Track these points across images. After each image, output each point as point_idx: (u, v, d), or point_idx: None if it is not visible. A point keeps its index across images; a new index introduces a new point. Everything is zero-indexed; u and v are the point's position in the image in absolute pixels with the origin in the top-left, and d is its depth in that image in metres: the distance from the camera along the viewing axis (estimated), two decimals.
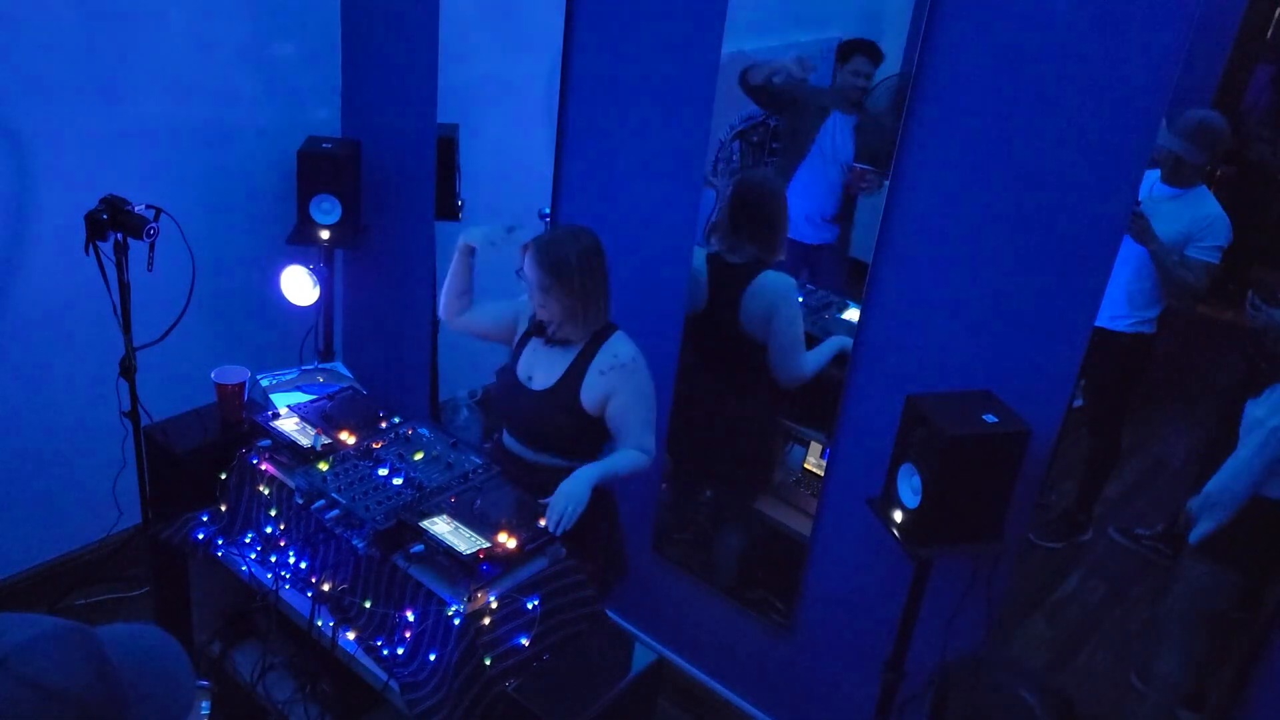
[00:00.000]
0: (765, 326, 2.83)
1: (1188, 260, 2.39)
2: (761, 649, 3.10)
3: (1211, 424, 2.50)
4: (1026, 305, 2.31)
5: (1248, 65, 2.31)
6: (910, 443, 2.28)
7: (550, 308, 2.53)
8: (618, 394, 2.57)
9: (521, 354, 2.70)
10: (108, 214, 2.72)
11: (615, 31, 2.88)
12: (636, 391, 2.58)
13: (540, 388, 2.63)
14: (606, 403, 2.58)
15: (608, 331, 2.62)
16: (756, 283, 2.83)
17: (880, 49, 2.67)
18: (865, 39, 2.71)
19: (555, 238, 2.53)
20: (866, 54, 2.70)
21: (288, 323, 3.69)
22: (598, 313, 2.58)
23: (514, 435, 2.72)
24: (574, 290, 2.50)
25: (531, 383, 2.65)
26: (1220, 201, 2.34)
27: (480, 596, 2.23)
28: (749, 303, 2.84)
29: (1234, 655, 2.40)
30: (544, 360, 2.64)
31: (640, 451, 2.61)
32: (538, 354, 2.66)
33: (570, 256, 2.48)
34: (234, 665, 2.80)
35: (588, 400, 2.58)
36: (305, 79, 3.61)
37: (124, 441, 3.05)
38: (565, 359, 2.61)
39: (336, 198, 3.43)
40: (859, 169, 2.80)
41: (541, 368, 2.64)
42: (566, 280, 2.48)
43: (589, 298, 2.53)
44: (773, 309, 2.81)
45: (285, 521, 2.55)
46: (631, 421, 2.59)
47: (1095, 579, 2.73)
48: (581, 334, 2.59)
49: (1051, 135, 2.20)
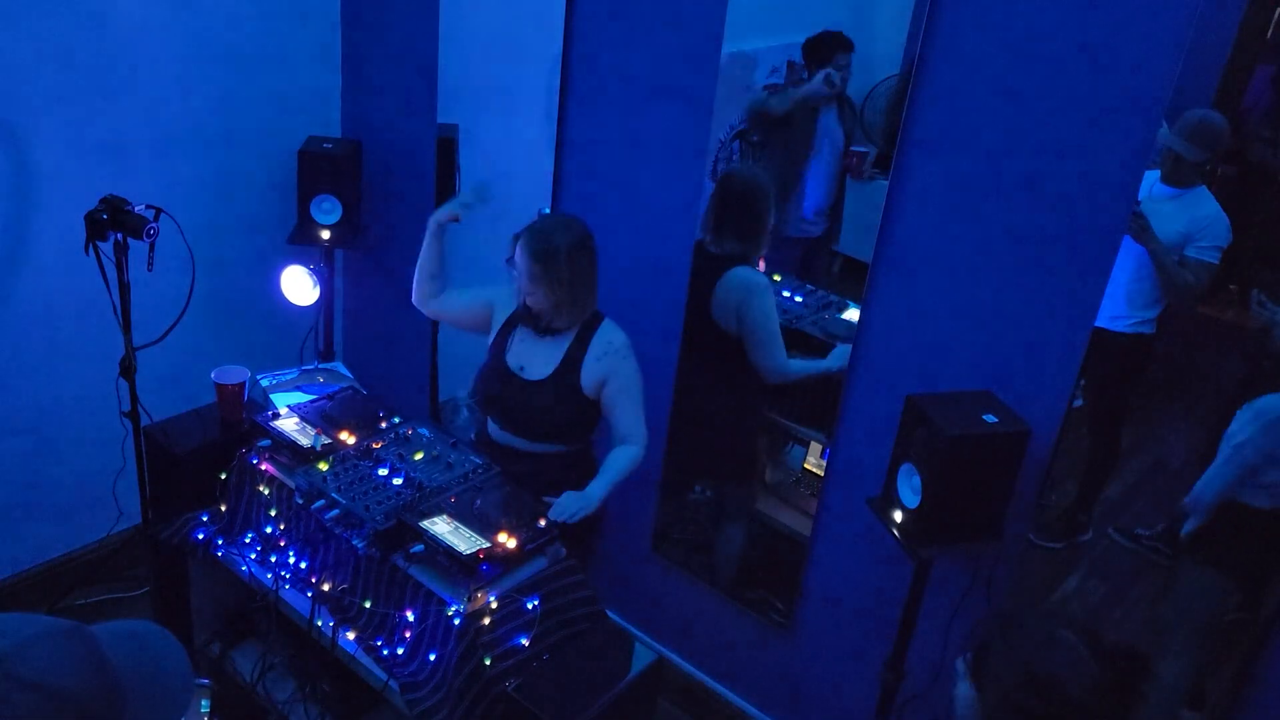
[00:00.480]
0: (736, 321, 2.86)
1: (1187, 260, 2.39)
2: (761, 649, 3.10)
3: (1211, 424, 2.50)
4: (1026, 305, 2.31)
5: (1248, 65, 2.31)
6: (910, 443, 2.28)
7: (540, 296, 2.55)
8: (613, 378, 2.61)
9: (509, 345, 2.71)
10: (108, 214, 2.72)
11: (615, 31, 2.88)
12: (629, 376, 2.64)
13: (536, 377, 2.64)
14: (603, 386, 2.62)
15: (597, 320, 2.66)
16: (727, 276, 2.85)
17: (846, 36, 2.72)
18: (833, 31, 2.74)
19: (546, 227, 2.55)
20: (844, 48, 2.75)
21: (288, 323, 3.69)
22: (586, 302, 2.62)
23: (506, 426, 2.72)
24: (563, 279, 2.52)
25: (525, 373, 2.66)
26: (1220, 201, 2.34)
27: (480, 596, 2.23)
28: (719, 295, 2.87)
29: (1234, 655, 2.40)
30: (535, 350, 2.66)
31: (633, 445, 2.64)
32: (528, 344, 2.68)
33: (560, 245, 2.50)
34: (234, 665, 2.80)
35: (588, 385, 2.62)
36: (305, 79, 3.61)
37: (124, 441, 3.05)
38: (559, 347, 2.63)
39: (337, 198, 3.43)
40: (859, 152, 2.81)
41: (533, 357, 2.66)
42: (556, 269, 2.50)
43: (578, 287, 2.56)
44: (742, 304, 2.84)
45: (285, 521, 2.55)
46: (625, 404, 2.63)
47: (1095, 579, 2.73)
48: (570, 322, 2.62)
49: (1051, 135, 2.20)
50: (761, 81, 2.90)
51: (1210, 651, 2.49)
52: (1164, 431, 2.70)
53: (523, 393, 2.66)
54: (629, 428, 2.65)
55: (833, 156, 2.90)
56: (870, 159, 2.82)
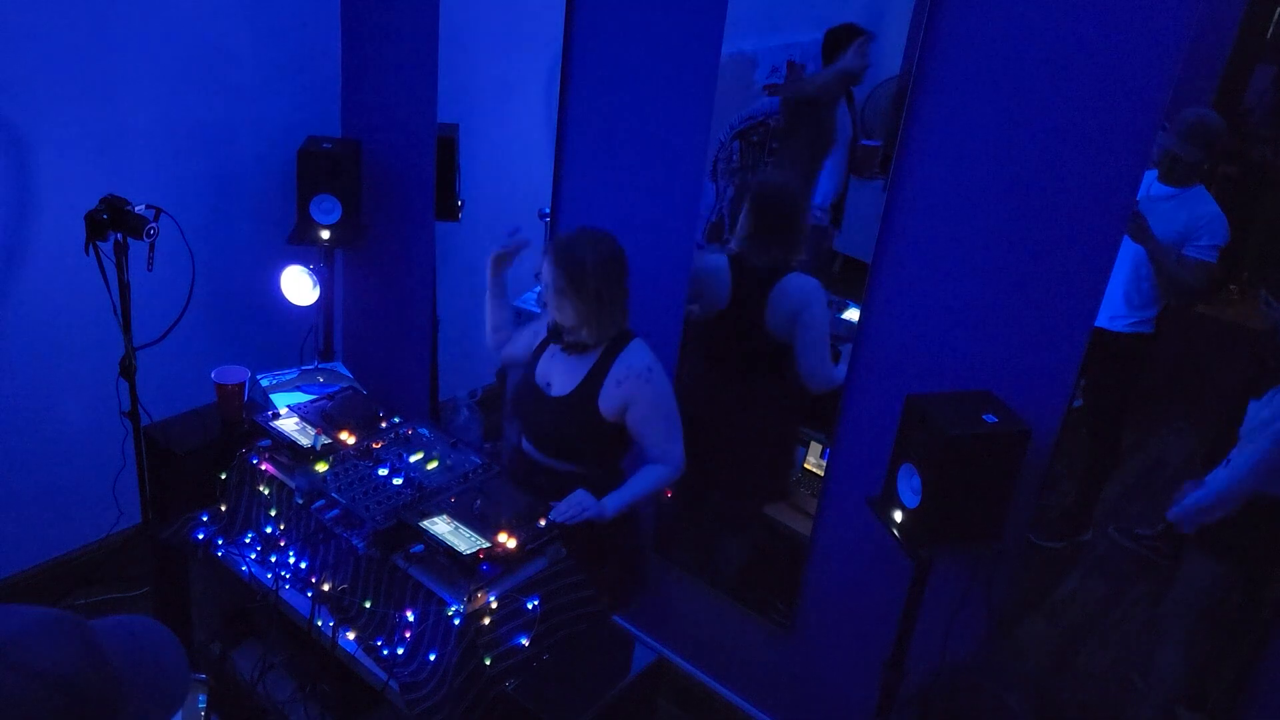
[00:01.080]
0: (790, 327, 2.81)
1: (1185, 259, 2.39)
2: (761, 649, 3.10)
3: (1212, 424, 2.50)
4: (1026, 305, 2.31)
5: (1248, 65, 2.31)
6: (910, 443, 2.28)
7: (565, 311, 2.51)
8: (635, 404, 2.54)
9: (539, 360, 2.69)
10: (108, 214, 2.72)
11: (615, 31, 2.88)
12: (653, 401, 2.55)
13: (558, 394, 2.61)
14: (625, 411, 2.56)
15: (625, 339, 2.59)
16: (782, 284, 2.80)
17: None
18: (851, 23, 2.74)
19: (575, 241, 2.49)
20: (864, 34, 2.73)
21: (288, 323, 3.69)
22: (613, 320, 2.55)
23: (531, 441, 2.70)
24: (589, 295, 2.47)
25: (550, 389, 2.63)
26: (1221, 202, 2.34)
27: (480, 596, 2.23)
28: (775, 303, 2.81)
29: (1235, 654, 2.40)
30: (561, 367, 2.62)
31: (664, 465, 2.59)
32: (555, 360, 2.64)
33: (587, 261, 2.45)
34: (234, 665, 2.80)
35: (606, 409, 2.55)
36: (305, 79, 3.61)
37: (124, 441, 3.05)
38: (583, 366, 2.58)
39: (336, 198, 3.43)
40: (867, 146, 2.79)
41: (559, 374, 2.62)
42: (581, 284, 2.45)
43: (604, 304, 2.50)
44: (802, 310, 2.79)
45: (285, 521, 2.55)
46: (650, 432, 2.57)
47: (1095, 579, 2.73)
48: (596, 339, 2.55)
49: (1051, 135, 2.20)
50: (762, 81, 2.90)
51: (1207, 643, 2.49)
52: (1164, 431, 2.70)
53: (545, 408, 2.63)
54: (660, 452, 2.58)
55: (842, 150, 2.89)
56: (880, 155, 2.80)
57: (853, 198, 2.92)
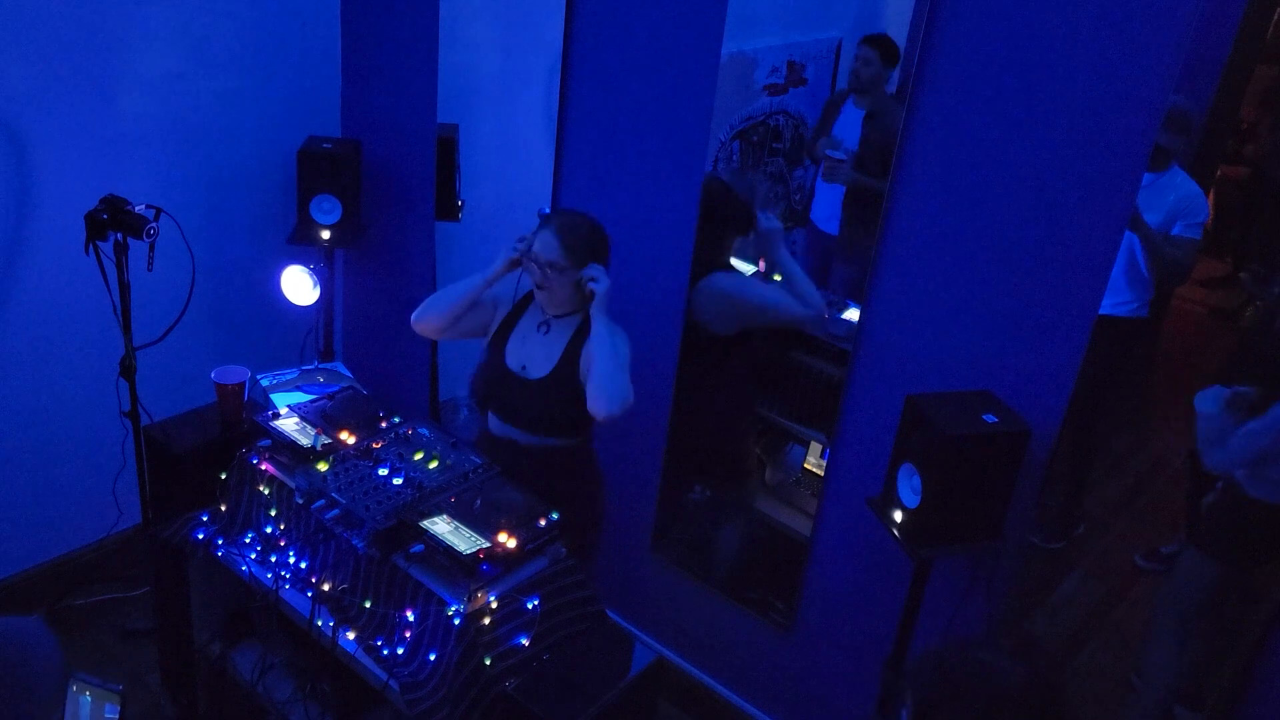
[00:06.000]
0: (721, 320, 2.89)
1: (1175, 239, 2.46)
2: (761, 649, 3.10)
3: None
4: (1026, 305, 2.31)
5: (1248, 65, 2.31)
6: (910, 443, 2.28)
7: (555, 283, 2.57)
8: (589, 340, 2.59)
9: (509, 344, 2.71)
10: (108, 214, 2.72)
11: (615, 31, 2.88)
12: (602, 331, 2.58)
13: (537, 375, 2.64)
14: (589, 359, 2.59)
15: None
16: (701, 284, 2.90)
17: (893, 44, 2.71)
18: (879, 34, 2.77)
19: (573, 219, 2.60)
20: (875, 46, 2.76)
21: (288, 323, 3.69)
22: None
23: (507, 421, 2.72)
24: (581, 252, 2.56)
25: (526, 372, 2.66)
26: (1223, 203, 2.37)
27: (480, 596, 2.23)
28: (695, 299, 2.91)
29: (1232, 653, 2.40)
30: (537, 348, 2.66)
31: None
32: (529, 343, 2.68)
33: (585, 234, 2.56)
34: (234, 665, 2.80)
35: (584, 374, 2.61)
36: (305, 79, 3.61)
37: (124, 441, 3.05)
38: (559, 344, 2.64)
39: (337, 198, 3.43)
40: (831, 157, 2.84)
41: (534, 356, 2.66)
42: (574, 249, 2.54)
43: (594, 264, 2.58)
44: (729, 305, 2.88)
45: (285, 521, 2.55)
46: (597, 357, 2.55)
47: (1095, 579, 2.73)
48: (578, 306, 2.63)
49: (1052, 135, 2.20)
50: (762, 81, 2.90)
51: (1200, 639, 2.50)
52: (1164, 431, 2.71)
53: (524, 391, 2.66)
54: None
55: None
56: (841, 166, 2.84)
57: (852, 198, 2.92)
